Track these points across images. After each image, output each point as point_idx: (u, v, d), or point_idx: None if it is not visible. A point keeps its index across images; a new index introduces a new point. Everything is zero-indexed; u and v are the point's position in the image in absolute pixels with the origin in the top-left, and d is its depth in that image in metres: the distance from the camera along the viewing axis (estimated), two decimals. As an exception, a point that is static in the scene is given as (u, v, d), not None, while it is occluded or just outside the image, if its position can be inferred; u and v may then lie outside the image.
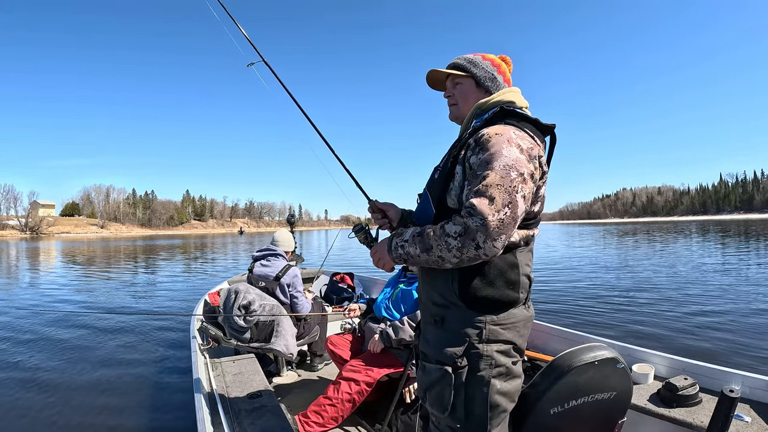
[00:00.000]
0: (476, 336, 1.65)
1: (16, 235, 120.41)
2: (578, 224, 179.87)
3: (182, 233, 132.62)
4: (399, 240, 1.72)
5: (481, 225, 1.47)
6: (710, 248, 25.93)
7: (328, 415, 3.28)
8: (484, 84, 1.89)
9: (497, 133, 1.62)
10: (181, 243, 52.04)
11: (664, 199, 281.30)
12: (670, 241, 34.84)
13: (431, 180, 1.84)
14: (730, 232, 43.39)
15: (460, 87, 1.93)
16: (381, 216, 2.07)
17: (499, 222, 1.48)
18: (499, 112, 1.75)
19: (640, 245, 31.83)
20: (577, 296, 11.31)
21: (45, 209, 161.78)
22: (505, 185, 1.51)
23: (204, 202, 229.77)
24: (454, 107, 1.97)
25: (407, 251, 1.67)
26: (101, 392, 5.32)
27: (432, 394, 1.73)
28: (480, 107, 1.84)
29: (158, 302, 12.02)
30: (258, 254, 4.89)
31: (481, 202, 1.49)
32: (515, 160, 1.56)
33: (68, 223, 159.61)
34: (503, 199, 1.50)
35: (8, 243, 69.27)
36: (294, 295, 4.67)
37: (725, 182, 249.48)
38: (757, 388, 2.67)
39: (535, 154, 1.65)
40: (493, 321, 1.66)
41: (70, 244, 59.21)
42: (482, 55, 1.93)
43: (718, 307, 9.47)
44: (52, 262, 28.46)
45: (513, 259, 1.70)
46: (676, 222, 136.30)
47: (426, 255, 1.60)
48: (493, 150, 1.58)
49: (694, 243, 31.45)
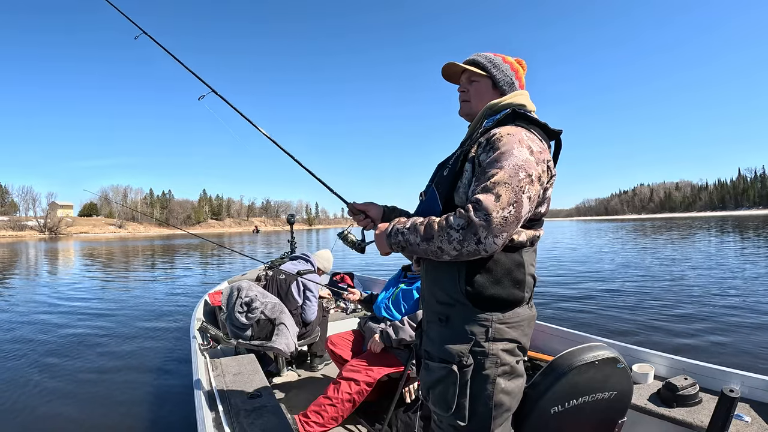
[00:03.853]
0: (482, 334, 1.65)
1: (35, 236, 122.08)
2: (595, 221, 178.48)
3: (199, 232, 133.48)
4: (400, 226, 1.72)
5: (484, 221, 1.47)
6: (726, 247, 25.52)
7: (328, 415, 3.29)
8: (501, 87, 1.91)
9: (509, 133, 1.64)
10: (199, 242, 52.30)
11: (682, 194, 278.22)
12: (686, 238, 34.40)
13: (439, 176, 1.84)
14: (748, 230, 42.65)
15: (476, 85, 1.94)
16: (363, 216, 2.07)
17: (502, 220, 1.48)
18: (510, 113, 1.76)
19: (653, 242, 31.50)
20: (578, 296, 11.27)
21: (63, 210, 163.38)
22: (513, 184, 1.52)
23: (221, 201, 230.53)
24: (465, 104, 1.98)
25: (407, 238, 1.67)
26: (101, 392, 5.38)
27: (436, 392, 1.73)
28: (491, 108, 1.85)
29: (161, 302, 12.08)
30: (294, 255, 5.19)
31: (486, 198, 1.49)
32: (525, 161, 1.57)
33: (86, 223, 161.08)
34: (509, 197, 1.50)
35: (27, 243, 70.19)
36: (308, 297, 4.74)
37: (744, 177, 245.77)
38: (757, 388, 2.66)
39: (544, 158, 1.66)
40: (498, 320, 1.66)
41: (87, 244, 59.88)
42: (503, 57, 1.94)
43: (719, 307, 9.41)
44: (70, 262, 28.83)
45: (519, 258, 1.71)
46: (694, 218, 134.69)
47: (426, 244, 1.60)
48: (504, 149, 1.59)
49: (710, 240, 31.01)
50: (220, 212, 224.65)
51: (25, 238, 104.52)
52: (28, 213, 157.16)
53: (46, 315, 10.53)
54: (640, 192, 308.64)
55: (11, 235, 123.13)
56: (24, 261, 30.27)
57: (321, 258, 5.23)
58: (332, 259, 5.39)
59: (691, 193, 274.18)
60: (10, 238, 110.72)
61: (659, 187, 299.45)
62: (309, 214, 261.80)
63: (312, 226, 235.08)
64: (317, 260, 5.16)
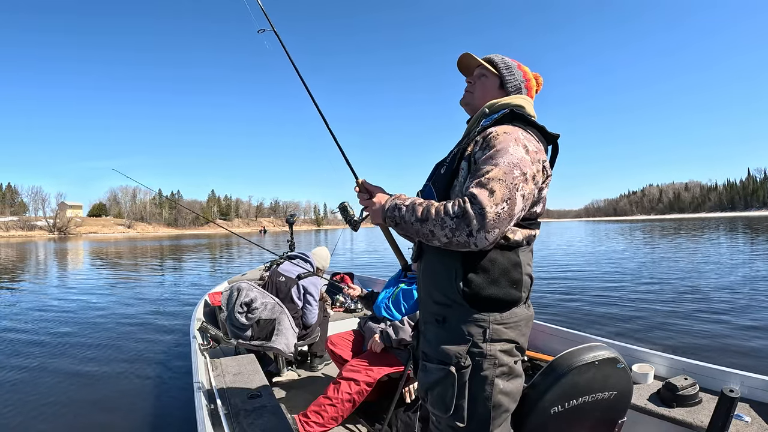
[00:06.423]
0: (480, 335, 1.65)
1: (45, 236, 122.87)
2: (604, 221, 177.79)
3: (208, 233, 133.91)
4: (399, 202, 1.72)
5: (478, 214, 1.47)
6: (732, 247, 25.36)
7: (328, 415, 3.28)
8: (507, 89, 1.92)
9: (506, 132, 1.65)
10: (207, 242, 52.54)
11: (691, 195, 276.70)
12: (693, 239, 34.17)
13: (436, 175, 1.84)
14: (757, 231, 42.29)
15: (484, 80, 1.95)
16: (368, 197, 2.00)
17: (495, 215, 1.48)
18: (508, 114, 1.76)
19: (659, 243, 31.40)
20: (578, 296, 11.25)
21: (72, 210, 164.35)
22: (507, 181, 1.51)
23: (229, 201, 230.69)
24: (469, 94, 2.00)
25: (402, 214, 1.67)
26: (101, 391, 5.39)
27: (434, 394, 1.73)
28: (490, 107, 1.85)
29: (162, 302, 12.12)
30: (291, 254, 5.11)
31: (481, 192, 1.49)
32: (520, 160, 1.57)
33: (95, 223, 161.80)
34: (503, 194, 1.50)
35: (36, 243, 70.61)
36: (309, 301, 4.73)
37: (753, 178, 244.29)
38: (757, 388, 2.65)
39: (540, 158, 1.66)
40: (496, 320, 1.66)
41: (96, 244, 60.16)
42: (519, 65, 1.96)
43: (719, 307, 9.38)
44: (78, 263, 29.01)
45: (516, 258, 1.70)
46: (703, 219, 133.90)
47: (419, 225, 1.60)
48: (500, 147, 1.59)
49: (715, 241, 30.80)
50: (229, 212, 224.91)
51: (35, 238, 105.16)
52: (38, 213, 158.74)
53: (49, 314, 10.60)
54: (648, 192, 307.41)
55: (21, 234, 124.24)
56: (33, 261, 30.44)
57: (319, 257, 5.21)
58: (329, 257, 5.37)
59: (701, 193, 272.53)
60: (20, 237, 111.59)
61: (668, 188, 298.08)
62: (317, 215, 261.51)
63: (320, 226, 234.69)
64: (315, 259, 5.13)
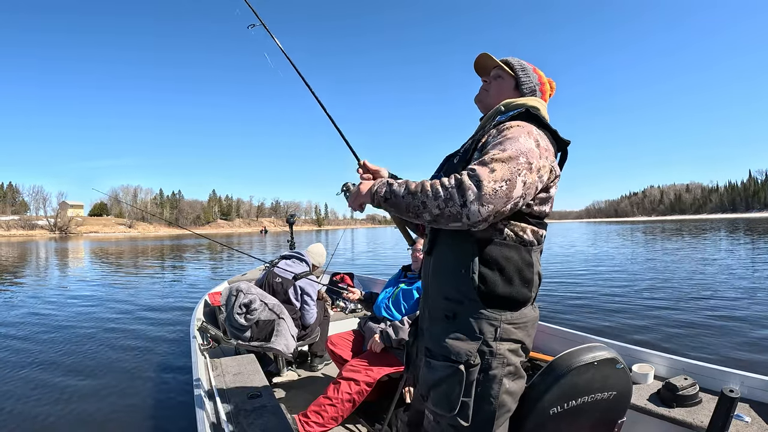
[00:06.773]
0: (491, 333, 1.65)
1: (46, 235, 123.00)
2: (605, 222, 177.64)
3: (209, 232, 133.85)
4: (392, 181, 1.68)
5: (476, 185, 1.44)
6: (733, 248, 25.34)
7: (328, 415, 3.29)
8: (522, 90, 1.95)
9: (519, 125, 1.67)
10: (208, 242, 52.49)
11: (693, 196, 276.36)
12: (695, 239, 34.17)
13: (448, 164, 1.86)
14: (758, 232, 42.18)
15: (500, 81, 1.98)
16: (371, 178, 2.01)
17: (492, 191, 1.45)
18: (524, 112, 1.77)
19: (660, 244, 31.37)
20: (578, 296, 11.25)
21: (73, 209, 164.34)
22: (510, 165, 1.50)
23: (230, 201, 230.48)
24: (484, 92, 2.03)
25: (393, 189, 1.63)
26: (101, 391, 5.38)
27: (438, 392, 1.70)
28: (506, 105, 1.87)
29: (163, 302, 12.11)
30: (286, 254, 5.06)
31: (481, 168, 1.48)
32: (529, 150, 1.56)
33: (96, 222, 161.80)
34: (503, 174, 1.47)
35: (37, 242, 70.64)
36: (306, 301, 4.72)
37: (754, 179, 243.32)
38: (757, 388, 2.65)
39: (548, 156, 1.66)
40: (507, 319, 1.66)
41: (97, 244, 60.17)
42: (534, 68, 2.00)
43: (720, 307, 9.39)
44: (78, 262, 28.97)
45: (529, 257, 1.71)
46: (704, 220, 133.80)
47: (410, 197, 1.56)
48: (510, 136, 1.60)
49: (717, 242, 30.77)
50: (230, 212, 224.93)
51: (36, 238, 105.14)
52: (39, 212, 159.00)
53: (49, 313, 10.59)
54: (649, 194, 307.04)
55: (22, 234, 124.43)
56: (33, 260, 30.44)
57: (314, 254, 5.19)
58: (325, 254, 5.35)
59: (702, 194, 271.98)
60: (21, 237, 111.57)
61: (669, 189, 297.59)
62: (318, 215, 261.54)
63: (321, 226, 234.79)
64: (311, 256, 5.12)
